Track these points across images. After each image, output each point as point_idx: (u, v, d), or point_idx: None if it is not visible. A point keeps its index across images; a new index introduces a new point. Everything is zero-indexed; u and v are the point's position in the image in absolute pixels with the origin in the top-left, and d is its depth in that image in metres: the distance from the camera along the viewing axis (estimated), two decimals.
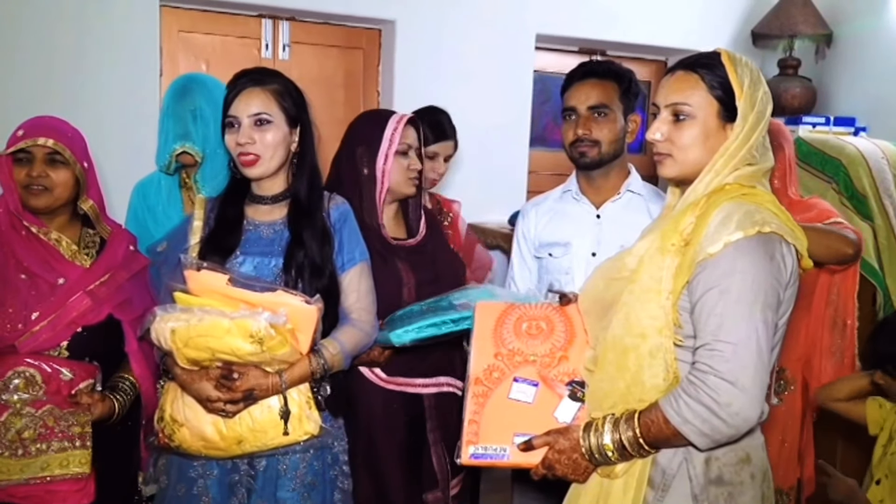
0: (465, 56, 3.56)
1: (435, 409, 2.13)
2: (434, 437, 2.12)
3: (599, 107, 2.10)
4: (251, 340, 1.62)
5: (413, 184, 2.11)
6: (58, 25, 2.91)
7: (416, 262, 2.11)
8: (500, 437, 1.52)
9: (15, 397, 1.69)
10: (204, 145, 2.25)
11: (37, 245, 1.79)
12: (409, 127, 2.11)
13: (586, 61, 2.65)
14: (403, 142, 2.07)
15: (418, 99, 3.42)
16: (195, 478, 1.77)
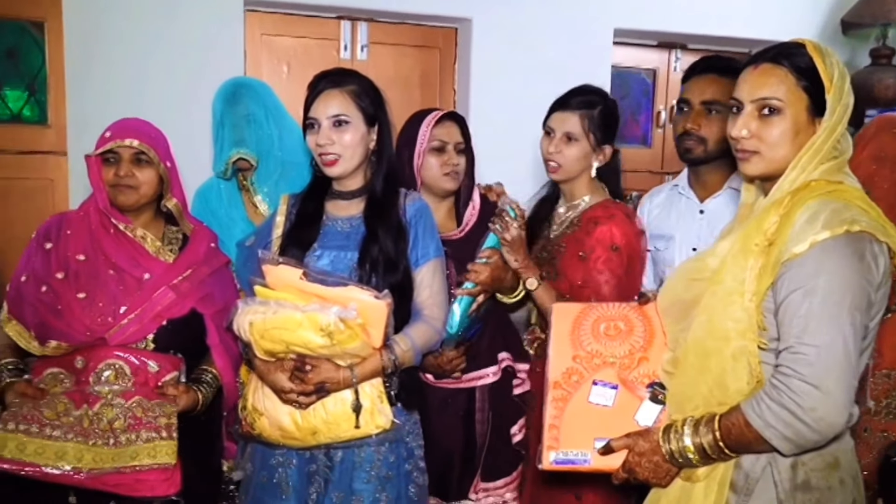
0: (541, 52, 3.51)
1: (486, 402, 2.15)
2: (482, 429, 2.15)
3: (713, 103, 2.07)
4: (321, 334, 1.66)
5: (451, 179, 2.15)
6: (146, 31, 3.02)
7: (462, 256, 2.12)
8: (581, 442, 1.50)
9: (106, 388, 1.76)
10: (258, 148, 2.30)
11: (124, 242, 1.87)
12: (446, 123, 2.16)
13: (710, 55, 2.62)
14: (437, 138, 2.13)
15: (495, 96, 3.44)
16: (276, 466, 1.82)
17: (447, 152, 2.14)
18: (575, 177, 2.08)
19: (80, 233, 1.86)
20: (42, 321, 1.77)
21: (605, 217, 2.01)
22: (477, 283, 1.96)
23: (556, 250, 2.07)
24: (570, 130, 2.03)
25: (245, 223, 2.28)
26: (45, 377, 1.78)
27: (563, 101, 2.09)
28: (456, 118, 2.20)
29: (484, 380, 2.15)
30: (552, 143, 2.06)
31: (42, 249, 1.85)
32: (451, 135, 2.15)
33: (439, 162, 2.13)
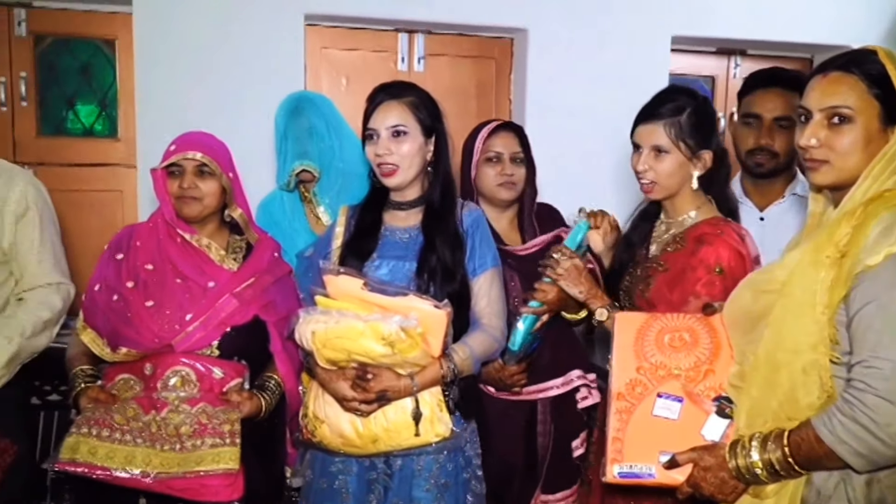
0: (598, 61, 3.49)
1: (548, 415, 2.15)
2: (544, 442, 2.15)
3: (784, 119, 2.04)
4: (383, 343, 1.68)
5: (506, 189, 2.16)
6: (212, 47, 3.11)
7: (526, 270, 2.12)
8: (646, 456, 1.47)
9: (173, 395, 1.80)
10: (320, 160, 2.35)
11: (190, 251, 1.92)
12: (502, 133, 2.19)
13: (772, 67, 2.54)
14: (492, 149, 2.17)
15: (551, 106, 3.43)
16: (336, 473, 1.85)
17: (502, 162, 2.16)
18: (675, 192, 1.84)
19: (149, 243, 1.91)
20: (114, 328, 1.83)
21: (713, 236, 1.76)
22: (543, 303, 1.91)
23: (653, 269, 1.86)
24: (657, 143, 1.80)
25: (307, 233, 2.32)
26: (116, 383, 1.83)
27: (647, 110, 1.85)
28: (514, 128, 2.22)
29: (547, 393, 2.15)
30: (641, 160, 1.83)
31: (113, 260, 1.91)
32: (506, 145, 2.17)
33: (494, 172, 2.16)
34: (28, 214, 1.92)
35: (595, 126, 2.28)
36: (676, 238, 1.84)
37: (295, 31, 3.20)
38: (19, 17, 3.10)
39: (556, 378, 2.16)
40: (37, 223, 1.93)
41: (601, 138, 2.19)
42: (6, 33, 3.09)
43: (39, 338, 1.91)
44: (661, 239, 1.90)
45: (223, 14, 3.11)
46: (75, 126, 3.27)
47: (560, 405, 2.16)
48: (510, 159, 2.17)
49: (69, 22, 3.16)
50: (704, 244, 1.75)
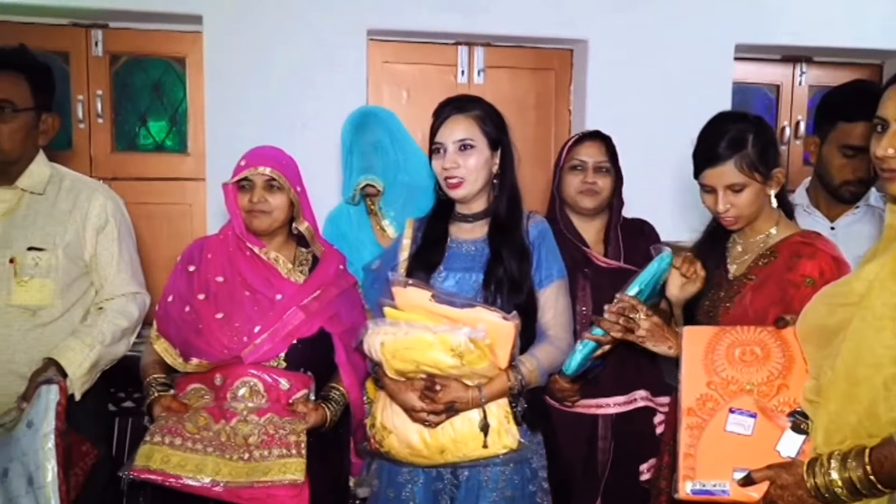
0: (659, 71, 3.46)
1: (609, 431, 2.13)
2: (603, 458, 2.13)
3: None
4: (452, 354, 1.69)
5: (587, 197, 2.19)
6: (278, 63, 3.19)
7: (599, 284, 2.11)
8: (719, 472, 1.44)
9: (241, 405, 1.83)
10: (385, 174, 2.37)
11: (258, 264, 1.96)
12: (588, 143, 2.23)
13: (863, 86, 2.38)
14: (576, 157, 2.21)
15: (611, 117, 3.39)
16: (403, 483, 1.86)
17: (586, 171, 2.18)
18: (755, 217, 1.81)
19: (219, 256, 1.96)
20: (185, 339, 1.88)
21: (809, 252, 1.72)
22: (608, 332, 1.85)
23: (741, 285, 1.80)
24: (731, 182, 1.74)
25: (373, 245, 2.35)
26: (188, 392, 1.88)
27: (709, 152, 1.78)
28: (602, 138, 2.25)
29: (605, 409, 2.13)
30: (719, 202, 1.76)
31: (186, 272, 1.97)
32: (590, 154, 2.21)
33: (577, 180, 2.18)
34: (107, 227, 1.99)
35: (657, 137, 2.25)
36: (767, 253, 1.79)
37: (358, 47, 3.26)
38: (96, 37, 3.23)
39: (617, 395, 2.14)
40: (115, 236, 2.01)
41: (663, 149, 2.17)
42: (84, 53, 3.23)
43: (118, 345, 1.98)
44: (741, 259, 1.85)
45: (289, 31, 3.19)
46: (147, 141, 3.39)
47: (624, 424, 2.14)
48: (594, 168, 2.19)
49: (142, 41, 3.29)
50: (803, 258, 1.71)
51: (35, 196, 1.93)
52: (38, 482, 1.68)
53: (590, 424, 2.14)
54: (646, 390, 2.16)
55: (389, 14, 3.25)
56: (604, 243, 2.23)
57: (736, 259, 1.87)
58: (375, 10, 3.24)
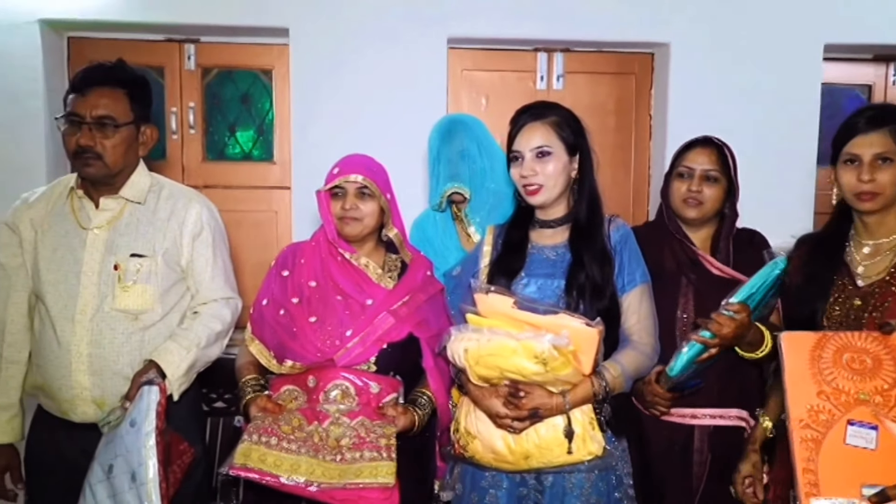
0: (744, 73, 3.37)
1: (706, 444, 2.07)
2: (699, 471, 2.07)
3: None
4: (536, 361, 1.69)
5: (690, 206, 2.12)
6: (361, 73, 3.26)
7: (704, 290, 2.06)
8: (846, 489, 1.40)
9: (334, 407, 1.87)
10: (471, 182, 2.39)
11: (350, 269, 2.00)
12: (699, 149, 2.15)
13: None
14: (683, 164, 2.14)
15: (694, 121, 3.29)
16: (486, 487, 1.87)
17: (692, 179, 2.12)
18: (891, 204, 1.74)
19: (312, 261, 2.02)
20: (280, 342, 1.94)
21: None
22: (715, 335, 1.82)
23: (885, 293, 1.69)
24: (881, 151, 1.71)
25: (459, 252, 2.37)
26: (282, 393, 1.93)
27: (862, 123, 1.74)
28: (715, 145, 2.15)
29: (699, 420, 2.08)
30: (863, 172, 1.71)
31: (280, 276, 2.03)
32: (699, 161, 2.13)
33: (682, 188, 2.13)
34: (203, 234, 2.07)
35: (743, 142, 2.18)
36: None
37: (438, 55, 3.30)
38: (189, 52, 3.37)
39: (713, 407, 2.07)
40: (210, 242, 2.08)
41: (750, 155, 2.11)
42: (177, 67, 3.38)
43: (212, 348, 2.05)
44: (871, 262, 1.77)
45: (371, 41, 3.25)
46: (235, 151, 3.51)
47: (722, 438, 2.07)
48: (701, 176, 2.12)
49: (232, 54, 3.41)
50: None
51: (136, 205, 2.02)
52: (140, 478, 1.76)
53: (684, 435, 2.08)
54: (745, 410, 2.07)
55: (469, 22, 3.28)
56: (711, 254, 2.14)
57: (863, 261, 1.79)
58: (456, 19, 3.27)
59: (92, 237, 1.98)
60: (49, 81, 3.22)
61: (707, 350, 1.86)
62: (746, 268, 2.05)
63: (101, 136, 1.92)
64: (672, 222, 2.17)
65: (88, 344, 1.94)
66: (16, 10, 3.13)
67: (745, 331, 1.82)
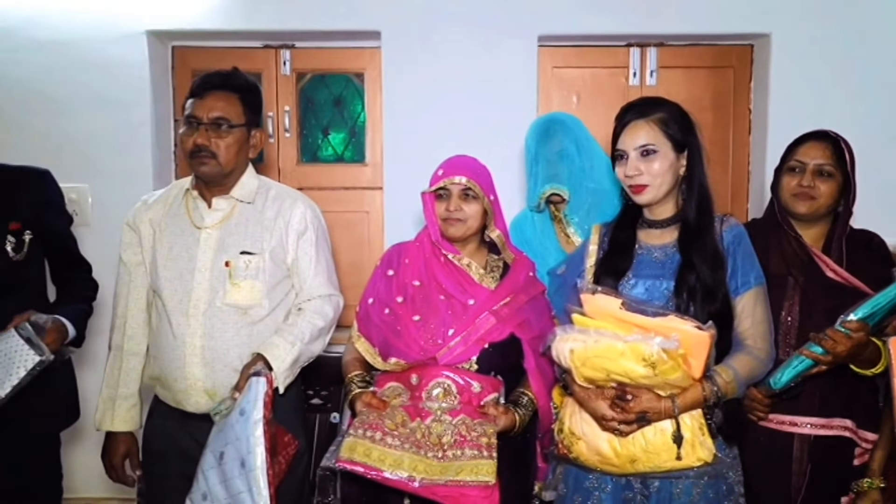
0: (852, 63, 3.21)
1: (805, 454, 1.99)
2: (797, 482, 2.00)
3: None
4: (644, 364, 1.66)
5: (799, 201, 2.05)
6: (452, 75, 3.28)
7: (812, 295, 1.98)
8: None
9: (436, 405, 1.89)
10: (570, 182, 2.36)
11: (453, 270, 2.02)
12: (812, 143, 2.07)
13: None
14: (794, 158, 2.08)
15: (796, 116, 3.16)
16: (590, 489, 1.85)
17: (803, 173, 2.05)
18: None
19: (416, 261, 2.05)
20: (385, 339, 1.98)
21: None
22: (828, 352, 1.76)
23: None
24: None
25: (557, 252, 2.35)
26: (386, 389, 1.97)
27: None
28: (829, 139, 2.08)
29: (800, 429, 2.00)
30: None
31: (385, 276, 2.07)
32: (811, 155, 2.06)
33: (792, 182, 2.06)
34: (307, 233, 2.12)
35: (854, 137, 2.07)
36: None
37: (528, 54, 3.28)
38: (284, 57, 3.47)
39: (815, 416, 2.00)
40: (313, 241, 2.13)
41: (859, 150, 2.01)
42: (274, 72, 3.48)
43: (316, 344, 2.09)
44: None
45: (462, 42, 3.27)
46: (328, 153, 3.59)
47: (824, 449, 1.99)
48: (814, 171, 2.05)
49: (325, 59, 3.49)
50: None
51: (246, 205, 2.10)
52: (248, 465, 1.81)
53: (783, 442, 2.02)
54: (852, 420, 1.99)
55: (560, 19, 3.25)
56: (824, 250, 2.07)
57: None
58: (546, 17, 3.25)
59: (205, 236, 2.06)
60: (155, 90, 3.37)
61: (817, 365, 1.80)
62: (862, 273, 1.97)
63: (216, 137, 2.00)
64: (784, 219, 2.09)
65: (201, 337, 2.01)
66: (124, 23, 3.29)
67: (861, 350, 1.76)
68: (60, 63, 3.28)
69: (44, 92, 3.29)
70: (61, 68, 3.28)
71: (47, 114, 3.30)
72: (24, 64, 3.27)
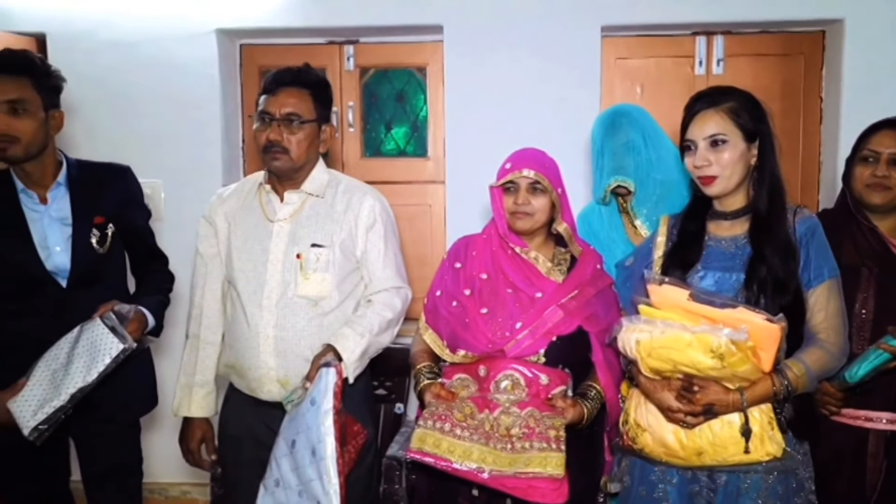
0: None
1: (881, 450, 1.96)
2: (872, 479, 1.97)
3: None
4: (712, 355, 1.64)
5: (874, 192, 2.03)
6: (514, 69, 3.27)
7: (887, 286, 1.93)
8: None
9: (504, 397, 1.91)
10: (637, 174, 2.33)
11: (520, 263, 2.03)
12: (886, 131, 2.04)
13: None
14: (867, 147, 2.05)
15: (871, 104, 3.05)
16: (655, 482, 1.84)
17: (877, 163, 2.02)
18: None
19: (483, 254, 2.07)
20: (453, 332, 2.00)
21: None
22: None
23: None
24: None
25: (625, 244, 2.34)
26: (454, 381, 1.99)
27: None
28: None
29: (876, 424, 1.96)
30: None
31: (452, 268, 2.10)
32: (886, 144, 2.03)
33: (865, 173, 2.03)
34: (375, 226, 2.15)
35: None
36: None
37: (591, 45, 3.25)
38: (348, 53, 3.52)
39: (893, 411, 1.96)
40: (382, 234, 2.16)
41: None
42: (338, 68, 3.53)
43: (384, 335, 2.13)
44: None
45: (524, 35, 3.26)
46: (390, 147, 3.63)
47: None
48: (888, 160, 2.01)
49: (388, 54, 3.53)
50: None
51: (316, 199, 2.14)
52: (319, 454, 1.86)
53: (857, 438, 1.98)
54: None
55: (624, 9, 3.21)
56: None
57: None
58: (609, 7, 3.21)
59: (277, 229, 2.11)
60: (224, 87, 3.45)
61: (894, 359, 1.76)
62: None
63: (288, 132, 2.05)
64: (857, 209, 2.04)
65: (274, 327, 2.07)
66: (195, 22, 3.38)
67: None
68: (134, 63, 3.40)
69: (118, 91, 3.42)
70: (135, 68, 3.40)
71: (122, 112, 3.42)
72: (100, 64, 3.39)
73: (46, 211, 2.13)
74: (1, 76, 2.02)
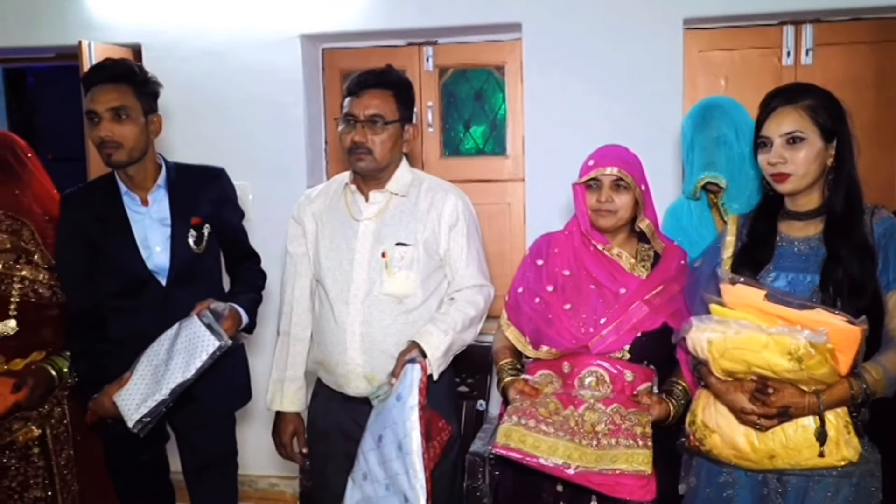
0: None
1: None
2: None
3: None
4: (789, 358, 1.60)
5: None
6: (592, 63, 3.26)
7: None
8: None
9: (588, 393, 1.91)
10: (728, 169, 2.28)
11: (602, 259, 2.03)
12: None
13: None
14: None
15: None
16: (724, 484, 1.82)
17: None
18: None
19: (566, 251, 2.07)
20: (536, 328, 2.01)
21: None
22: None
23: None
24: None
25: None
26: (537, 377, 2.00)
27: None
28: None
29: None
30: None
31: (535, 265, 2.11)
32: None
33: None
34: (458, 224, 2.18)
35: None
36: None
37: (673, 38, 3.20)
38: (427, 53, 3.57)
39: None
40: (464, 232, 2.19)
41: None
42: (417, 69, 3.58)
43: (467, 332, 2.15)
44: None
45: (604, 30, 3.23)
46: (469, 146, 3.66)
47: None
48: None
49: (466, 54, 3.56)
50: None
51: (401, 198, 2.18)
52: (405, 448, 1.89)
53: None
54: None
55: (707, 0, 3.14)
56: None
57: None
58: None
59: (363, 228, 2.17)
60: (308, 91, 3.56)
61: None
62: None
63: (372, 133, 2.10)
64: None
65: (360, 324, 2.12)
66: (279, 29, 3.49)
67: None
68: (222, 69, 3.54)
69: (208, 97, 3.56)
70: (223, 74, 3.54)
71: (211, 116, 3.57)
72: (191, 72, 3.55)
73: (147, 212, 2.24)
74: (104, 85, 2.14)
